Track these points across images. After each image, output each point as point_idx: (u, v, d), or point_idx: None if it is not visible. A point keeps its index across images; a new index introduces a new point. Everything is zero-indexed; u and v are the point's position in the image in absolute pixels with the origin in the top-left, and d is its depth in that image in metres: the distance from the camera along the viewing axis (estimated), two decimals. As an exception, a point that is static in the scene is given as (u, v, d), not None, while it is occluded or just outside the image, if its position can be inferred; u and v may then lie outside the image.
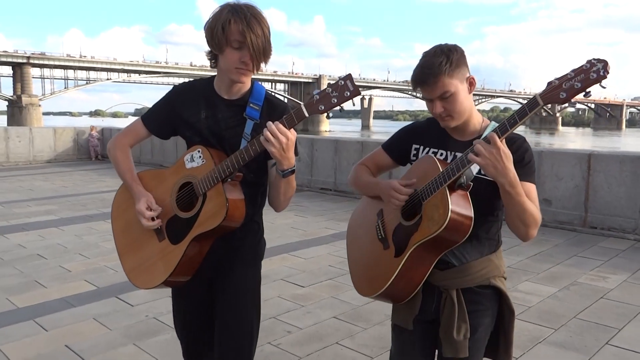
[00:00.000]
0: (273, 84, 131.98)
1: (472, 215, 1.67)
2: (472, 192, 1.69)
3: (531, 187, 1.72)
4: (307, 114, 1.66)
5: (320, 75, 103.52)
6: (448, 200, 1.64)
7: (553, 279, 4.91)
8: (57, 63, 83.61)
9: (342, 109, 1.67)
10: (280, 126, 1.68)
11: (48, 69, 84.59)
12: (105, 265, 5.17)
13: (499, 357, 1.87)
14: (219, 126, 1.93)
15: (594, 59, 1.44)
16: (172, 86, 2.03)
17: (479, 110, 1.87)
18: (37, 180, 11.31)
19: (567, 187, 6.98)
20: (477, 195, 1.70)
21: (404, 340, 1.93)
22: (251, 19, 1.76)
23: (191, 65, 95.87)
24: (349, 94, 1.63)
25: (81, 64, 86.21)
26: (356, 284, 2.00)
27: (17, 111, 76.72)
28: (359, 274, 2.00)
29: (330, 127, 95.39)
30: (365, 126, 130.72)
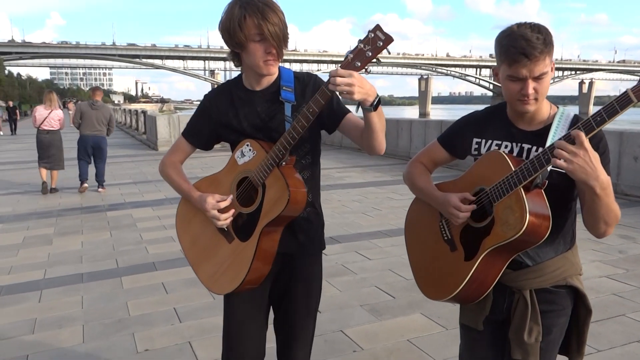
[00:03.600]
0: (478, 69, 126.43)
1: (550, 215, 1.55)
2: (545, 187, 1.56)
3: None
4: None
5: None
6: (525, 203, 1.50)
7: None
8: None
9: (379, 61, 1.59)
10: (341, 70, 1.57)
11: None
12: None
13: (572, 356, 1.78)
14: (261, 118, 1.92)
15: None
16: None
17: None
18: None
19: None
20: (551, 191, 1.56)
21: (474, 338, 1.85)
22: (264, 8, 1.74)
23: (389, 54, 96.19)
24: (381, 43, 1.53)
25: (295, 57, 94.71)
26: (422, 287, 1.88)
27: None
28: (424, 277, 1.87)
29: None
30: (584, 113, 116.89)
